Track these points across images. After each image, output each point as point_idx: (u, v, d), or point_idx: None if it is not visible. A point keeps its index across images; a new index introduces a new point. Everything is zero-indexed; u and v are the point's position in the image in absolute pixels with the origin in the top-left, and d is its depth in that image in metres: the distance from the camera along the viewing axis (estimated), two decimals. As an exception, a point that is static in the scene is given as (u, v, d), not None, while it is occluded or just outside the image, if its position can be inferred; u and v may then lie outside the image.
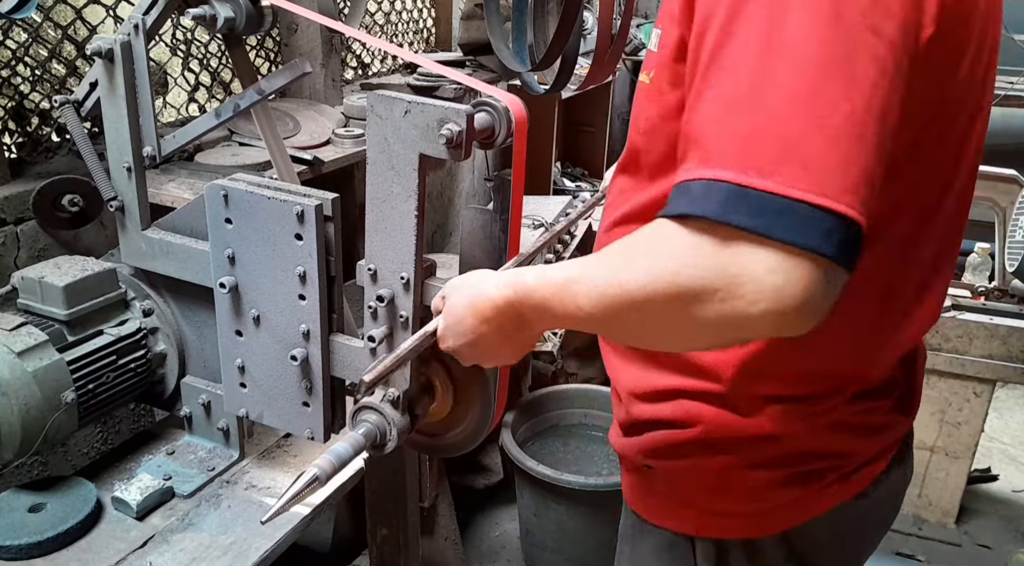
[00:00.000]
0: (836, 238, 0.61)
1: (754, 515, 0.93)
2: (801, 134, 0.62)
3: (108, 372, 1.28)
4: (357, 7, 2.02)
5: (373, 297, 1.08)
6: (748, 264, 0.61)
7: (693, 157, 0.67)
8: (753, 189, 0.62)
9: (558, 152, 3.33)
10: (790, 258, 0.60)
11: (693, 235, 0.64)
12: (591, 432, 2.63)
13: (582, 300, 0.74)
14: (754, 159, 0.62)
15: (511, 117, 1.02)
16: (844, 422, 0.91)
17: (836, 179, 0.61)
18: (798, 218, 0.60)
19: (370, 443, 1.04)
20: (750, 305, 0.62)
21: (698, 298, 0.64)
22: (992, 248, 2.66)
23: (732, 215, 0.62)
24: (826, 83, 0.62)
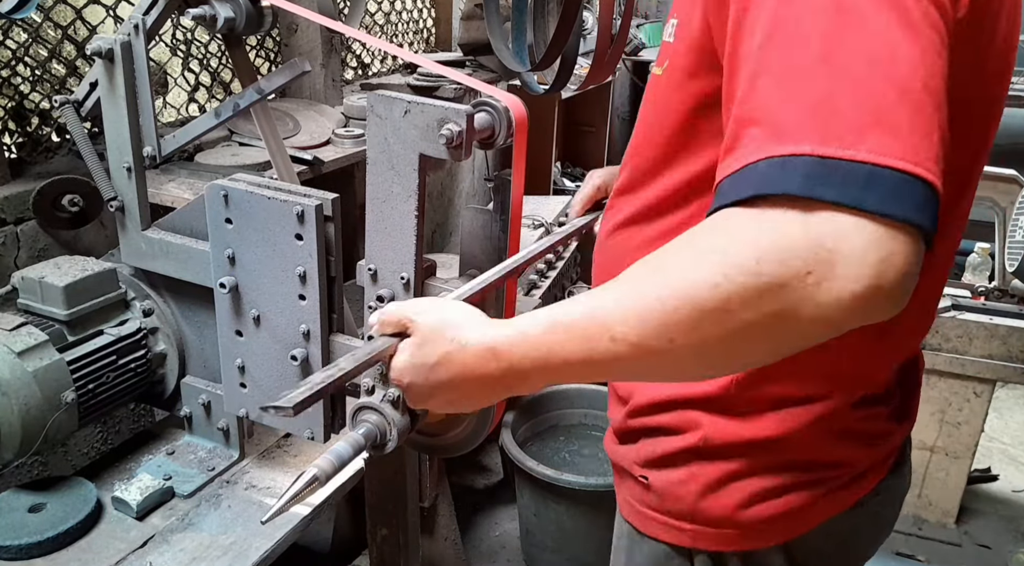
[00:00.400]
0: (931, 209, 0.56)
1: (752, 526, 0.91)
2: (884, 99, 0.57)
3: (108, 372, 1.28)
4: (357, 7, 2.01)
5: (373, 297, 1.08)
6: (844, 239, 0.55)
7: (755, 138, 0.60)
8: (840, 160, 0.56)
9: (558, 152, 3.33)
10: (888, 230, 0.55)
11: (766, 216, 0.58)
12: (591, 432, 2.63)
13: (619, 329, 0.63)
14: (836, 127, 0.57)
15: (511, 117, 1.02)
16: (846, 429, 0.89)
17: (924, 147, 0.56)
18: (892, 188, 0.55)
19: (370, 443, 1.04)
20: (850, 283, 0.55)
21: (787, 286, 0.56)
22: (992, 248, 2.66)
23: (818, 188, 0.56)
24: (903, 48, 0.58)
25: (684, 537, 0.93)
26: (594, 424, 2.64)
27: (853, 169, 0.56)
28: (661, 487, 0.94)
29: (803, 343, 0.62)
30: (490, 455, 2.95)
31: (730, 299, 0.58)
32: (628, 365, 0.65)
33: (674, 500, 0.93)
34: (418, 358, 0.77)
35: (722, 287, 0.58)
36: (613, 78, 3.62)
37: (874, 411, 0.92)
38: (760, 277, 0.57)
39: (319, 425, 1.20)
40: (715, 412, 0.88)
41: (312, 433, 1.21)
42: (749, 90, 0.63)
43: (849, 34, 0.59)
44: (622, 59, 3.70)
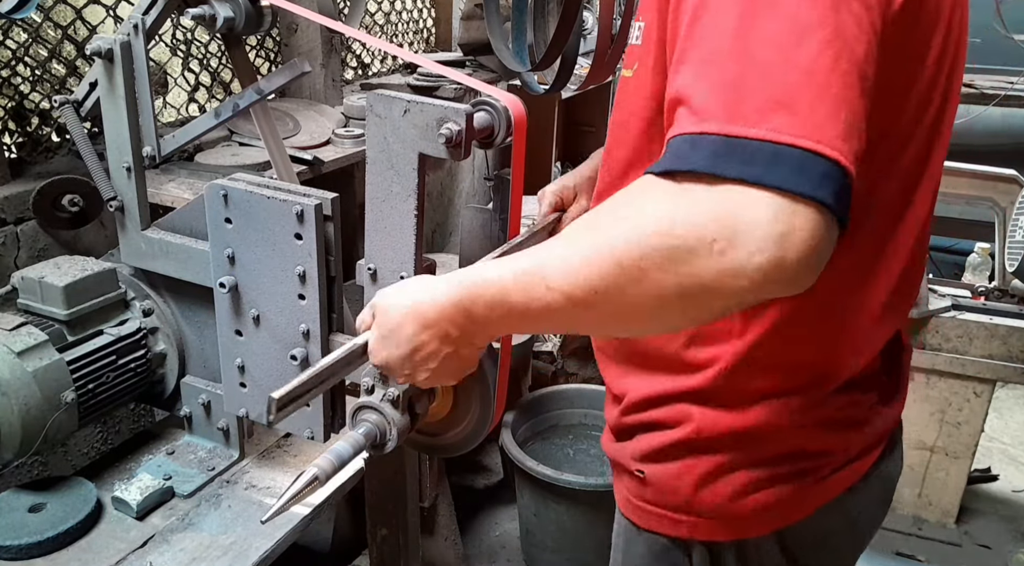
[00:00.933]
0: (834, 185, 0.59)
1: (746, 516, 0.93)
2: (788, 81, 0.60)
3: (108, 372, 1.28)
4: (357, 7, 2.01)
5: (373, 297, 1.08)
6: (749, 211, 0.58)
7: (679, 118, 0.64)
8: (743, 138, 0.60)
9: (558, 152, 3.33)
10: (790, 204, 0.58)
11: (682, 188, 0.62)
12: (591, 432, 2.63)
13: (554, 279, 0.67)
14: (741, 108, 0.61)
15: (511, 117, 1.02)
16: (832, 416, 0.92)
17: (827, 126, 0.59)
18: (793, 164, 0.58)
19: (370, 443, 1.04)
20: (752, 255, 0.58)
21: (695, 251, 0.60)
22: (992, 248, 2.66)
23: (723, 166, 0.60)
24: (812, 32, 0.61)
25: (681, 529, 0.95)
26: (594, 424, 2.64)
27: (756, 147, 0.59)
28: (657, 480, 0.96)
29: (715, 309, 0.66)
30: (490, 455, 2.95)
31: (643, 256, 0.62)
32: (561, 315, 0.69)
33: (670, 493, 0.95)
34: (384, 328, 0.82)
35: (635, 245, 0.63)
36: (613, 78, 3.62)
37: (859, 397, 0.94)
38: (672, 238, 0.61)
39: (319, 425, 1.20)
40: (705, 404, 0.90)
41: (312, 433, 1.21)
42: (675, 72, 0.68)
43: (760, 18, 0.62)
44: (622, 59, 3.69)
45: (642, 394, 0.95)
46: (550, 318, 0.71)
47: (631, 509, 1.02)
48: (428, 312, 0.78)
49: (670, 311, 0.66)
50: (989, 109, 3.38)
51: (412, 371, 0.84)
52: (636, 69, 0.85)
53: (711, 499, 0.93)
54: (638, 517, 1.01)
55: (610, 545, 1.13)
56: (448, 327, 0.78)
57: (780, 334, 0.86)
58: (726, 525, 0.94)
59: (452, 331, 0.78)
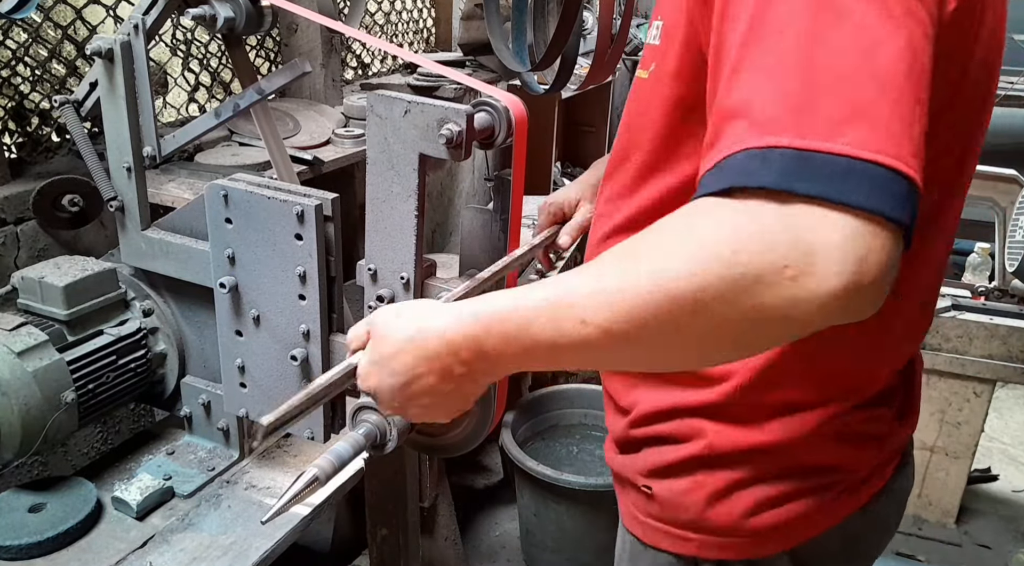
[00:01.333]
0: (910, 204, 0.54)
1: (757, 534, 0.89)
2: (863, 94, 0.56)
3: (108, 372, 1.28)
4: (357, 7, 2.01)
5: (373, 297, 1.08)
6: (824, 233, 0.53)
7: (735, 130, 0.59)
8: (818, 152, 0.55)
9: (558, 152, 3.33)
10: (866, 225, 0.53)
11: (746, 207, 0.56)
12: (591, 432, 2.63)
13: (591, 313, 0.60)
14: (814, 120, 0.56)
15: (511, 117, 1.02)
16: (850, 432, 0.88)
17: (904, 141, 0.55)
18: (871, 182, 0.54)
19: (370, 443, 1.04)
20: (827, 280, 0.53)
21: (762, 280, 0.54)
22: (992, 248, 2.66)
23: (796, 182, 0.54)
24: (884, 42, 0.57)
25: (689, 546, 0.92)
26: (594, 424, 2.64)
27: (831, 162, 0.55)
28: (665, 497, 0.92)
29: (777, 339, 0.61)
30: (490, 455, 2.95)
31: (705, 289, 0.56)
32: (598, 351, 0.63)
33: (679, 510, 0.91)
34: (377, 353, 0.75)
35: (697, 277, 0.56)
36: (613, 78, 3.62)
37: (877, 412, 0.91)
38: (736, 267, 0.55)
39: (319, 425, 1.20)
40: (719, 420, 0.87)
41: (312, 433, 1.21)
42: (730, 84, 0.62)
43: (830, 28, 0.58)
44: (622, 59, 3.70)
45: (651, 407, 0.92)
46: (580, 354, 0.64)
47: (636, 525, 0.98)
48: (431, 343, 0.70)
49: (726, 344, 0.61)
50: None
51: (402, 405, 0.77)
52: (653, 70, 0.82)
53: (722, 517, 0.89)
54: (643, 533, 0.96)
55: (610, 545, 1.12)
56: (452, 362, 0.70)
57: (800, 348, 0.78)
58: (737, 544, 0.90)
59: (456, 368, 0.70)
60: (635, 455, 0.95)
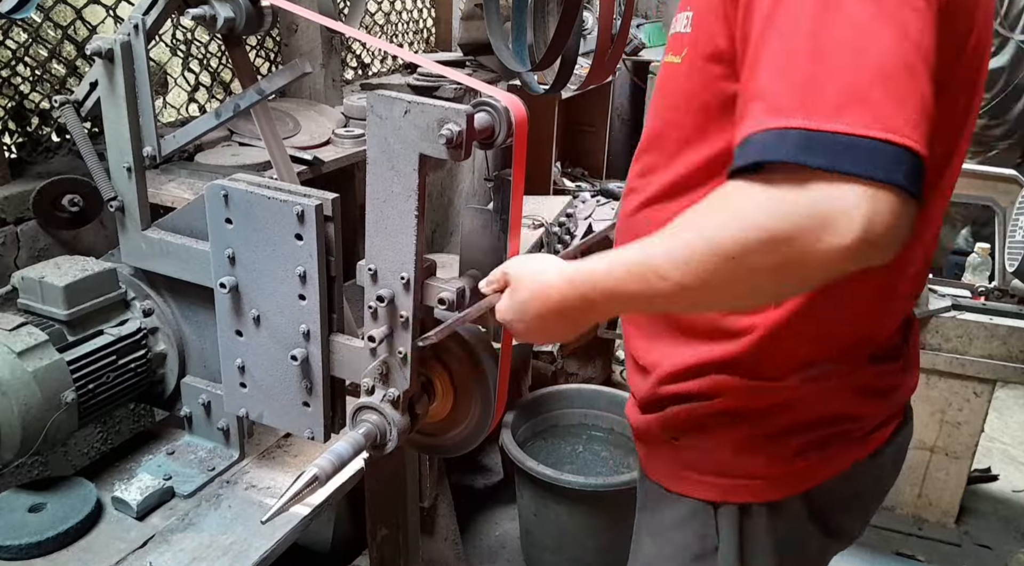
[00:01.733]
0: (905, 168, 0.65)
1: (777, 478, 0.98)
2: (859, 78, 0.67)
3: (108, 372, 1.28)
4: (357, 7, 2.02)
5: (373, 297, 1.08)
6: (836, 200, 0.66)
7: (756, 112, 0.71)
8: (823, 132, 0.67)
9: (558, 152, 3.33)
10: (871, 190, 0.65)
11: (772, 184, 0.69)
12: (591, 432, 2.63)
13: (667, 270, 0.76)
14: (819, 104, 0.67)
15: (511, 117, 1.02)
16: (864, 385, 0.98)
17: (896, 116, 0.66)
18: (868, 153, 0.65)
19: (370, 443, 1.04)
20: (843, 238, 0.65)
21: (793, 239, 0.67)
22: (992, 248, 2.66)
23: (808, 157, 0.66)
24: (879, 30, 0.68)
25: (713, 492, 1.00)
26: (594, 424, 2.64)
27: (834, 139, 0.66)
28: (691, 447, 1.01)
29: (809, 284, 0.75)
30: (490, 455, 2.95)
31: (747, 250, 0.70)
32: (672, 298, 0.78)
33: (704, 458, 1.00)
34: (514, 298, 0.94)
35: (741, 241, 0.70)
36: (613, 78, 3.62)
37: (887, 366, 1.01)
38: (770, 231, 0.69)
39: (319, 425, 1.20)
40: (741, 375, 0.95)
41: (312, 433, 1.21)
42: (752, 70, 0.75)
43: (832, 22, 0.70)
44: (622, 59, 3.70)
45: (676, 365, 1.00)
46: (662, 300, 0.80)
47: (661, 473, 1.06)
48: (551, 296, 0.89)
49: (772, 288, 0.76)
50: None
51: (529, 335, 0.96)
52: (686, 55, 0.92)
53: (744, 464, 0.98)
54: (669, 481, 1.05)
55: (610, 545, 1.13)
56: (568, 309, 0.89)
57: (819, 303, 0.91)
58: (758, 487, 0.99)
59: (571, 313, 0.89)
60: (660, 412, 1.03)
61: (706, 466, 1.00)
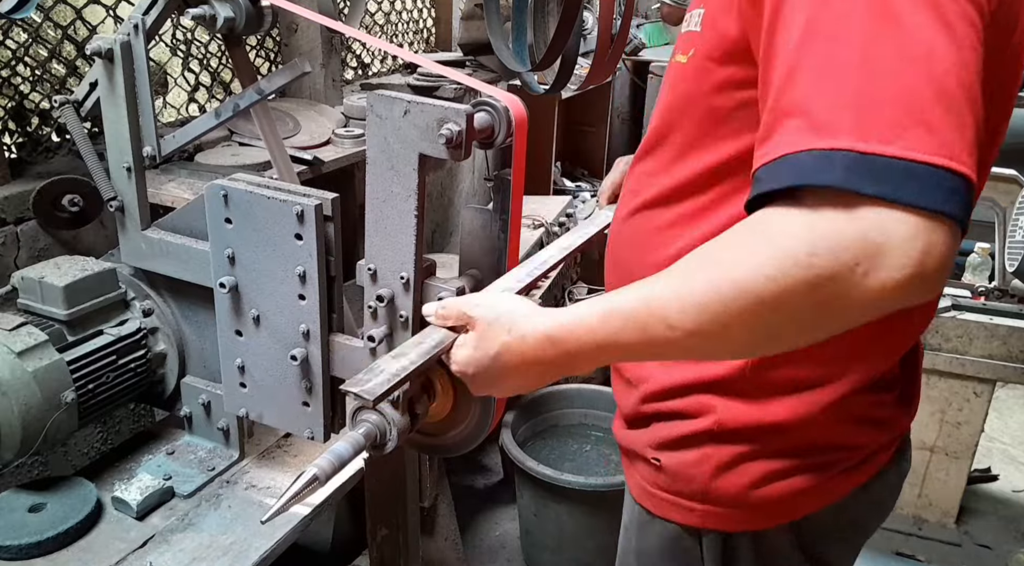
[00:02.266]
0: (961, 199, 0.60)
1: (761, 506, 0.93)
2: (918, 96, 0.60)
3: (108, 372, 1.28)
4: (357, 7, 2.01)
5: (373, 297, 1.08)
6: (891, 230, 0.59)
7: (793, 129, 0.64)
8: (877, 155, 0.60)
9: (558, 152, 3.33)
10: (927, 221, 0.59)
11: (816, 211, 0.61)
12: (591, 432, 2.63)
13: (675, 318, 0.67)
14: (873, 124, 0.60)
15: (511, 117, 1.02)
16: (856, 413, 0.92)
17: (957, 142, 0.60)
18: (928, 182, 0.59)
19: (370, 443, 1.04)
20: (896, 272, 0.59)
21: (837, 276, 0.60)
22: (992, 248, 2.66)
23: (859, 183, 0.60)
24: (938, 47, 0.61)
25: (694, 517, 0.96)
26: (594, 424, 2.64)
27: (891, 164, 0.59)
28: (673, 468, 0.96)
29: (850, 325, 0.66)
30: (490, 455, 2.95)
31: (785, 290, 0.62)
32: (681, 349, 0.70)
33: (686, 481, 0.95)
34: (480, 351, 0.83)
35: (778, 280, 0.62)
36: (613, 78, 3.62)
37: (882, 396, 0.95)
38: (812, 269, 0.61)
39: (319, 425, 1.20)
40: (729, 396, 0.91)
41: (312, 433, 1.21)
42: (787, 83, 0.66)
43: (886, 33, 0.62)
44: (622, 59, 3.70)
45: (663, 383, 0.95)
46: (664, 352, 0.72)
47: (645, 496, 1.02)
48: (526, 351, 0.79)
49: (803, 334, 0.67)
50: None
51: (490, 390, 0.87)
52: (693, 55, 0.85)
53: (727, 488, 0.93)
54: (652, 504, 1.01)
55: (610, 545, 1.12)
56: (545, 366, 0.79)
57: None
58: (741, 515, 0.94)
59: (547, 369, 0.80)
60: (645, 429, 0.99)
61: (688, 490, 0.95)
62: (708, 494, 0.94)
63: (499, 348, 0.81)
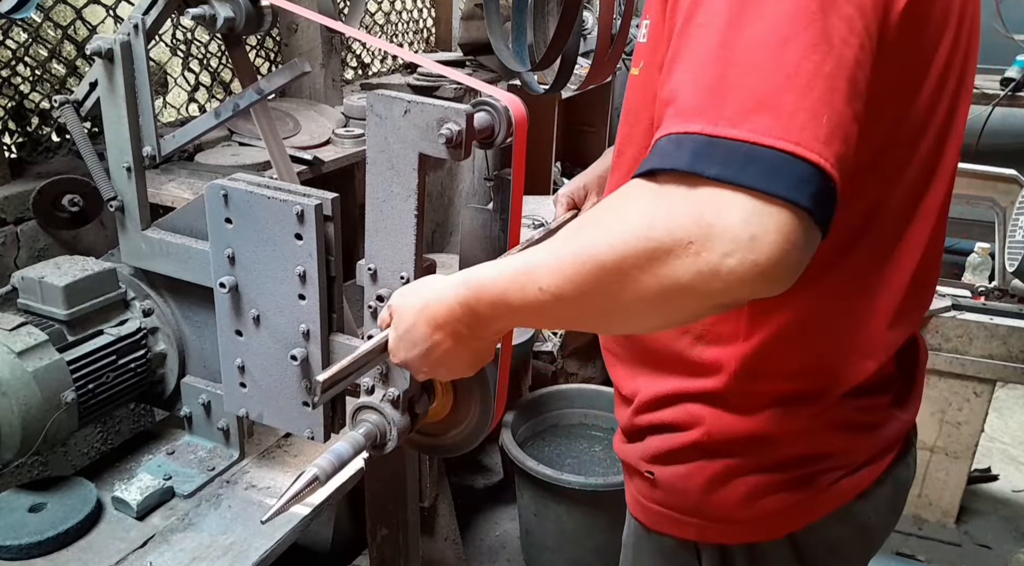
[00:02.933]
0: (810, 188, 0.59)
1: (757, 519, 0.93)
2: (771, 84, 0.61)
3: (108, 372, 1.28)
4: (357, 7, 2.01)
5: (373, 297, 1.08)
6: (722, 213, 0.59)
7: (667, 117, 0.65)
8: (723, 138, 0.60)
9: (558, 152, 3.33)
10: (764, 206, 0.58)
11: (663, 189, 0.63)
12: (591, 432, 2.63)
13: (545, 280, 0.69)
14: (724, 109, 0.61)
15: (511, 117, 1.02)
16: (843, 420, 0.91)
17: (807, 129, 0.60)
18: (769, 165, 0.59)
19: (370, 443, 1.04)
20: (725, 256, 0.59)
21: (672, 253, 0.61)
22: (992, 248, 2.66)
23: (702, 165, 0.60)
24: (797, 35, 0.62)
25: (690, 531, 0.95)
26: (594, 424, 2.64)
27: (734, 147, 0.60)
28: (666, 482, 0.96)
29: (693, 310, 0.66)
30: (490, 455, 2.95)
31: (624, 259, 0.63)
32: (553, 313, 0.72)
33: (679, 495, 0.95)
34: (400, 329, 0.85)
35: (617, 248, 0.64)
36: (613, 78, 3.62)
37: (872, 400, 0.93)
38: (649, 242, 0.62)
39: (319, 425, 1.20)
40: (716, 407, 0.90)
41: (312, 433, 1.21)
42: (667, 71, 0.68)
43: (747, 22, 0.63)
44: (622, 59, 3.69)
45: (652, 394, 0.95)
46: (543, 316, 0.74)
47: (640, 510, 1.02)
48: (438, 312, 0.80)
49: (650, 310, 0.67)
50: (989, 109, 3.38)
51: (431, 368, 0.86)
52: (642, 67, 0.86)
53: (721, 502, 0.92)
54: (648, 518, 1.00)
55: (610, 545, 1.12)
56: (457, 326, 0.80)
57: (787, 339, 0.85)
58: (736, 528, 0.93)
59: (461, 330, 0.80)
60: (639, 443, 0.99)
61: (682, 503, 0.95)
62: (702, 508, 0.94)
63: (413, 319, 0.83)
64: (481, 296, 0.77)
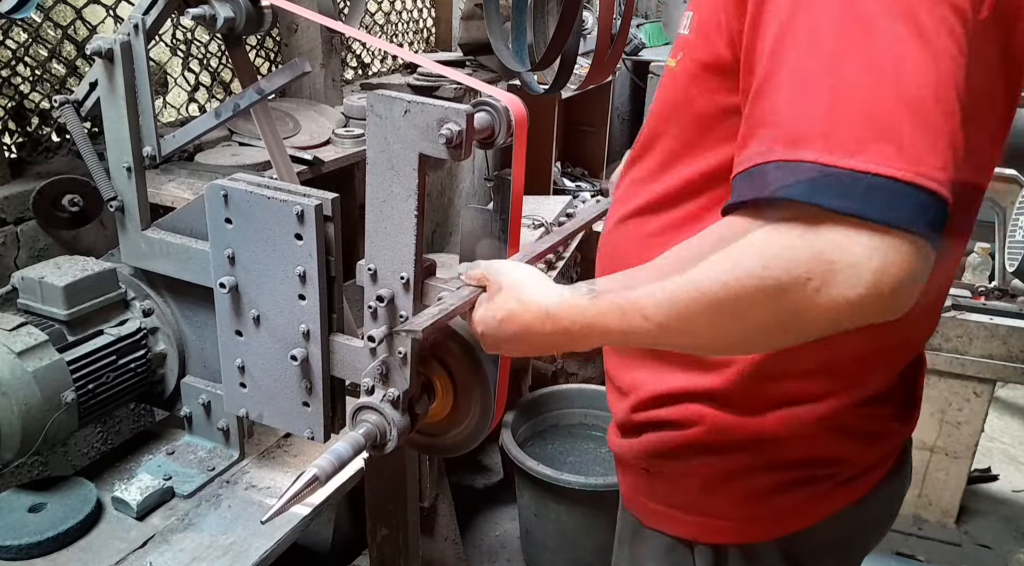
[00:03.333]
0: (929, 216, 0.58)
1: (752, 519, 0.92)
2: (887, 109, 0.59)
3: (108, 372, 1.28)
4: (357, 7, 2.01)
5: (373, 297, 1.08)
6: (843, 248, 0.58)
7: (765, 140, 0.63)
8: (841, 169, 0.59)
9: (558, 152, 3.33)
10: (887, 238, 0.58)
11: (776, 223, 0.61)
12: (591, 432, 2.63)
13: (650, 310, 0.70)
14: (839, 138, 0.60)
15: (511, 117, 1.02)
16: (847, 427, 0.90)
17: (927, 157, 0.59)
18: (890, 196, 0.58)
19: (370, 443, 1.04)
20: (848, 290, 0.58)
21: (789, 290, 0.60)
22: (992, 248, 2.66)
23: (820, 196, 0.59)
24: (914, 55, 0.60)
25: (686, 529, 0.95)
26: (594, 424, 2.64)
27: (853, 178, 0.58)
28: (664, 479, 0.96)
29: (814, 335, 0.66)
30: (490, 455, 2.95)
31: (739, 298, 0.63)
32: (656, 339, 0.73)
33: (677, 492, 0.95)
34: (489, 312, 0.87)
35: (732, 287, 0.63)
36: (613, 78, 3.62)
37: (876, 410, 0.92)
38: (765, 281, 0.61)
39: (319, 425, 1.20)
40: (719, 407, 0.89)
41: (312, 433, 1.21)
42: (760, 92, 0.66)
43: (859, 44, 0.61)
44: (622, 59, 3.70)
45: (653, 391, 0.94)
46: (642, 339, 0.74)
47: (637, 507, 1.01)
48: (532, 323, 0.82)
49: (762, 340, 0.69)
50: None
51: (498, 349, 0.90)
52: (681, 59, 0.84)
53: (718, 501, 0.92)
54: (644, 515, 1.00)
55: (610, 545, 1.12)
56: (545, 335, 0.82)
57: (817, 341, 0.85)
58: (732, 528, 0.93)
59: (547, 338, 0.82)
60: (635, 439, 0.98)
61: (680, 502, 0.95)
62: (698, 506, 0.93)
63: (505, 313, 0.85)
64: (575, 319, 0.78)
